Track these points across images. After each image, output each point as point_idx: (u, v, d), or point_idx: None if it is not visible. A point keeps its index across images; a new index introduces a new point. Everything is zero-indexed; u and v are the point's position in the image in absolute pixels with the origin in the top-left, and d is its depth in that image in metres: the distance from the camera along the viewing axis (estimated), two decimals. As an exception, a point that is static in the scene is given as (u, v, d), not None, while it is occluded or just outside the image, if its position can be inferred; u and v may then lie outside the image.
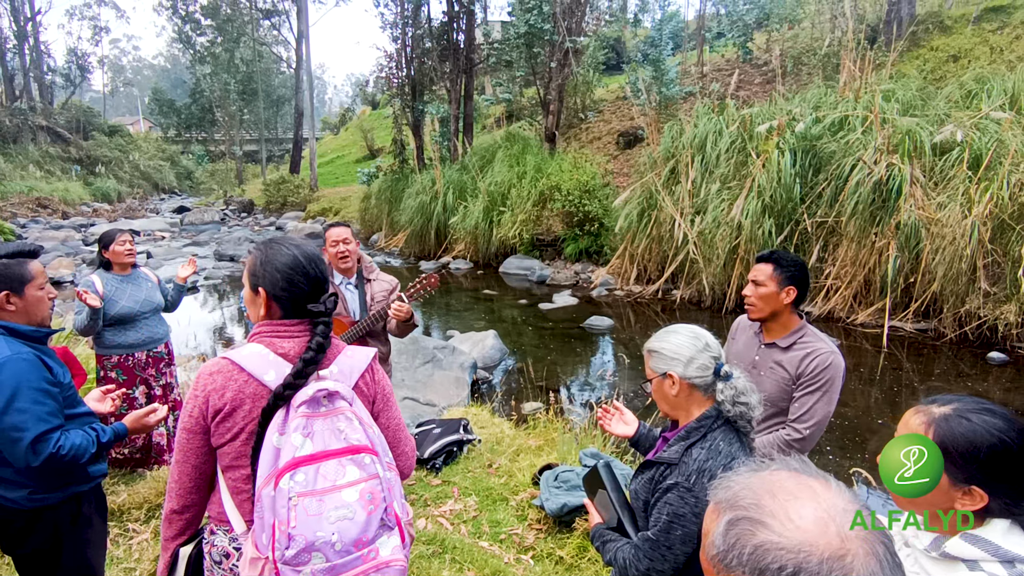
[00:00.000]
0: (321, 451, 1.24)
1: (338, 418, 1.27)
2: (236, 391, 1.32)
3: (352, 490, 1.22)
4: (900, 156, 7.35)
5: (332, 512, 1.19)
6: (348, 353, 1.43)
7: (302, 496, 1.19)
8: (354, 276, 3.07)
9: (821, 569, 0.61)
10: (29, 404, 1.65)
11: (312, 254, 1.40)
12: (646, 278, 9.63)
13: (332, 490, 1.21)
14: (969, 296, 6.63)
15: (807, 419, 2.05)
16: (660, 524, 1.39)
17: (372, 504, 1.23)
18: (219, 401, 1.32)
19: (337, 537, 1.18)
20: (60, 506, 1.81)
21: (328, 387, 1.28)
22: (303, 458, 1.22)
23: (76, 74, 35.44)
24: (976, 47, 11.24)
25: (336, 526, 1.19)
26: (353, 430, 1.27)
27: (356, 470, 1.24)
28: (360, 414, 1.32)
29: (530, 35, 13.15)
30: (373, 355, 1.46)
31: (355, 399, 1.33)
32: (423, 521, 3.15)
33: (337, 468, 1.23)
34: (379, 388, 1.46)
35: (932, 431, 1.03)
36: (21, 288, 1.77)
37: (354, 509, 1.21)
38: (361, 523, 1.21)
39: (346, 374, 1.38)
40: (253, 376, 1.32)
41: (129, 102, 66.35)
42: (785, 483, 0.69)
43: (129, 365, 3.47)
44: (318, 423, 1.26)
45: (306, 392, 1.27)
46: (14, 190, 22.24)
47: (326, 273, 1.42)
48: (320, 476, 1.22)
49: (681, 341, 1.48)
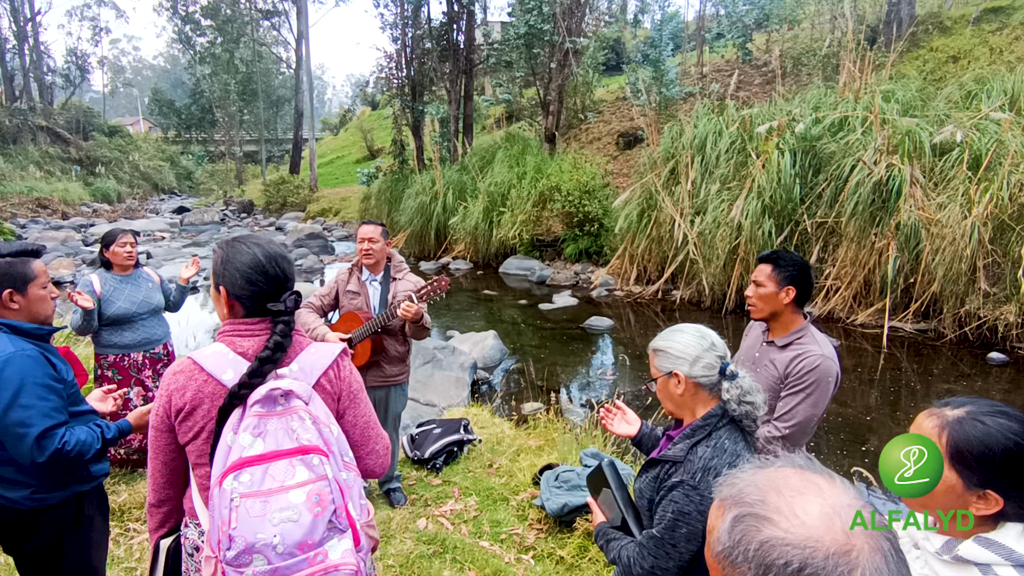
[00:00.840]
0: (272, 451, 1.22)
1: (292, 417, 1.25)
2: (196, 390, 1.34)
3: (300, 491, 1.19)
4: (900, 157, 7.35)
5: (276, 514, 1.17)
6: (312, 350, 1.41)
7: (245, 497, 1.18)
8: (380, 273, 3.13)
9: (827, 564, 0.61)
10: (34, 400, 1.65)
11: (273, 253, 1.39)
12: (646, 278, 9.63)
13: (279, 491, 1.19)
14: (969, 297, 6.64)
15: (788, 419, 2.05)
16: (665, 522, 1.39)
17: (319, 506, 1.20)
18: (180, 400, 1.34)
19: (279, 539, 1.16)
20: (62, 506, 1.80)
21: (282, 386, 1.27)
22: (250, 458, 1.21)
23: (76, 74, 35.45)
24: (976, 48, 11.25)
25: (279, 528, 1.16)
26: (305, 430, 1.25)
27: (305, 471, 1.22)
28: (316, 413, 1.29)
29: (530, 36, 13.16)
30: (339, 351, 1.44)
31: (313, 397, 1.32)
32: (423, 521, 3.15)
33: (287, 469, 1.21)
34: (345, 385, 1.43)
35: (946, 434, 1.01)
36: (24, 287, 1.77)
37: (299, 511, 1.18)
38: (306, 525, 1.18)
39: (307, 372, 1.37)
40: (212, 375, 1.34)
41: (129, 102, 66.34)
42: (790, 479, 0.70)
43: (124, 365, 3.45)
44: (272, 422, 1.25)
45: (260, 391, 1.26)
46: (14, 190, 22.22)
47: (288, 272, 1.41)
48: (268, 476, 1.20)
49: (687, 340, 1.48)
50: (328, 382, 1.40)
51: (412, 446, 3.87)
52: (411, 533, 3.01)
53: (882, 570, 0.62)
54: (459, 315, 8.86)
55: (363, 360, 3.02)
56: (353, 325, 3.03)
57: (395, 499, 3.36)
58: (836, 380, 2.08)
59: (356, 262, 3.18)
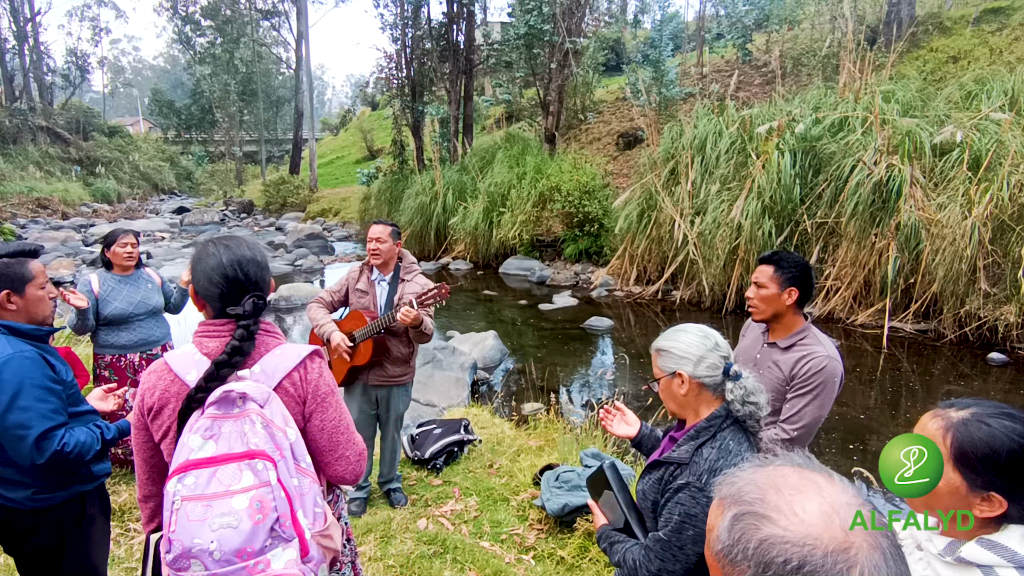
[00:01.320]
0: (223, 454, 1.20)
1: (245, 420, 1.24)
2: (163, 390, 1.36)
3: (243, 497, 1.17)
4: (900, 157, 7.36)
5: (216, 519, 1.15)
6: (277, 352, 1.39)
7: (187, 500, 1.16)
8: (390, 274, 3.15)
9: (826, 562, 0.62)
10: (33, 402, 1.65)
11: (239, 257, 1.38)
12: (646, 279, 9.63)
13: (224, 495, 1.16)
14: (969, 297, 6.64)
15: (796, 421, 2.05)
16: (672, 524, 1.37)
17: (260, 513, 1.17)
18: (151, 400, 1.36)
19: (216, 546, 1.13)
20: (64, 506, 1.80)
21: (237, 388, 1.26)
22: (197, 461, 1.20)
23: (76, 75, 35.44)
24: (976, 48, 11.26)
25: (217, 534, 1.14)
26: (254, 434, 1.23)
27: (251, 476, 1.19)
28: (271, 417, 1.27)
29: (530, 36, 13.16)
30: (307, 353, 1.41)
31: (271, 400, 1.30)
32: (424, 521, 3.15)
33: (235, 473, 1.19)
34: (312, 388, 1.39)
35: (950, 436, 1.01)
36: (22, 287, 1.77)
37: (240, 517, 1.15)
38: (245, 532, 1.15)
39: (268, 374, 1.35)
40: (178, 376, 1.35)
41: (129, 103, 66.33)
42: (789, 478, 0.70)
43: (121, 366, 3.44)
44: (228, 425, 1.23)
45: (216, 393, 1.25)
46: (14, 191, 22.22)
47: (253, 275, 1.39)
48: (215, 480, 1.18)
49: (691, 340, 1.48)
50: (291, 385, 1.37)
51: (412, 446, 3.87)
52: (411, 533, 3.01)
53: (880, 567, 0.62)
54: (459, 315, 8.86)
55: (364, 359, 3.02)
56: (359, 324, 3.05)
57: (395, 499, 3.36)
58: (840, 381, 2.08)
59: (367, 261, 3.19)
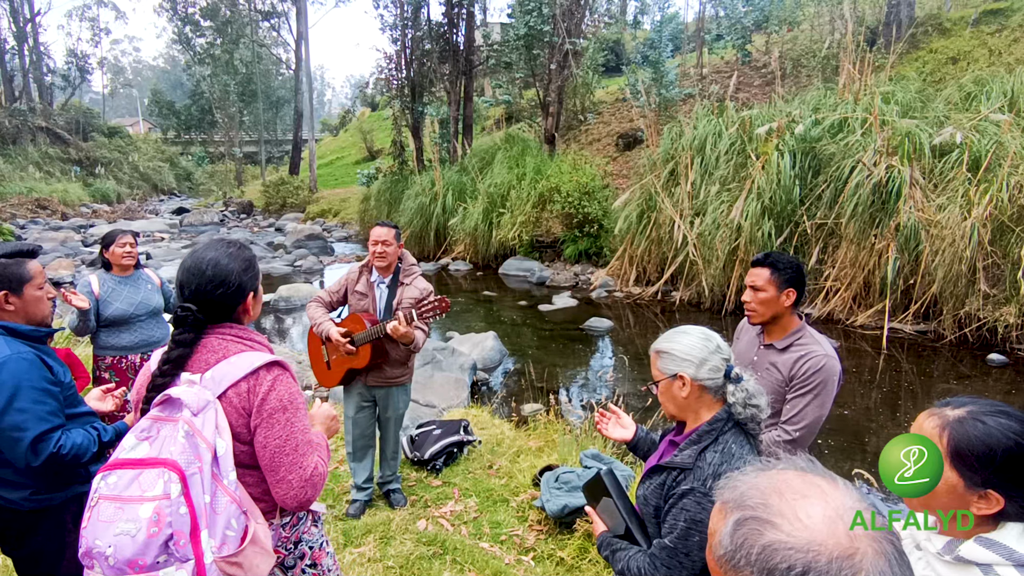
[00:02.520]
0: (152, 457, 1.19)
1: (176, 426, 1.22)
2: (141, 385, 1.40)
3: (148, 506, 1.14)
4: (899, 158, 7.36)
5: (121, 524, 1.13)
6: (232, 360, 1.35)
7: (104, 499, 1.15)
8: (389, 276, 3.10)
9: (830, 568, 0.61)
10: (30, 404, 1.64)
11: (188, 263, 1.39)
12: (645, 280, 9.62)
13: (137, 500, 1.15)
14: (969, 298, 6.64)
15: (797, 421, 2.04)
16: (677, 531, 1.35)
17: (156, 526, 1.13)
18: (135, 395, 1.41)
19: (112, 551, 1.11)
20: (62, 507, 1.80)
21: (174, 393, 1.25)
22: (124, 461, 1.19)
23: (75, 75, 35.46)
24: (975, 49, 11.27)
25: (116, 540, 1.12)
26: (173, 442, 1.20)
27: (161, 486, 1.16)
28: (200, 427, 1.23)
29: (530, 37, 13.16)
30: (261, 363, 1.35)
31: (208, 409, 1.26)
32: (423, 522, 3.14)
33: (154, 479, 1.17)
34: (257, 401, 1.32)
35: (947, 434, 1.01)
36: (20, 288, 1.76)
37: (140, 527, 1.12)
38: (140, 544, 1.11)
39: (216, 381, 1.32)
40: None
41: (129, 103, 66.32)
42: (792, 482, 0.69)
43: (122, 367, 3.43)
44: (166, 428, 1.22)
45: (160, 395, 1.26)
46: (13, 191, 22.22)
47: (196, 286, 1.38)
48: (136, 483, 1.16)
49: (693, 342, 1.46)
50: (237, 395, 1.32)
51: (412, 447, 3.86)
52: (411, 534, 3.01)
53: (886, 573, 0.61)
54: (459, 316, 8.85)
55: (364, 363, 3.01)
56: (358, 327, 3.02)
57: (395, 500, 3.35)
58: (839, 379, 2.08)
59: (367, 262, 3.15)
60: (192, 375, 1.32)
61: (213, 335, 1.38)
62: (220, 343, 1.38)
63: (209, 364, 1.35)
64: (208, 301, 1.37)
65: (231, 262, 1.39)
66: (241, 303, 1.43)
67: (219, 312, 1.39)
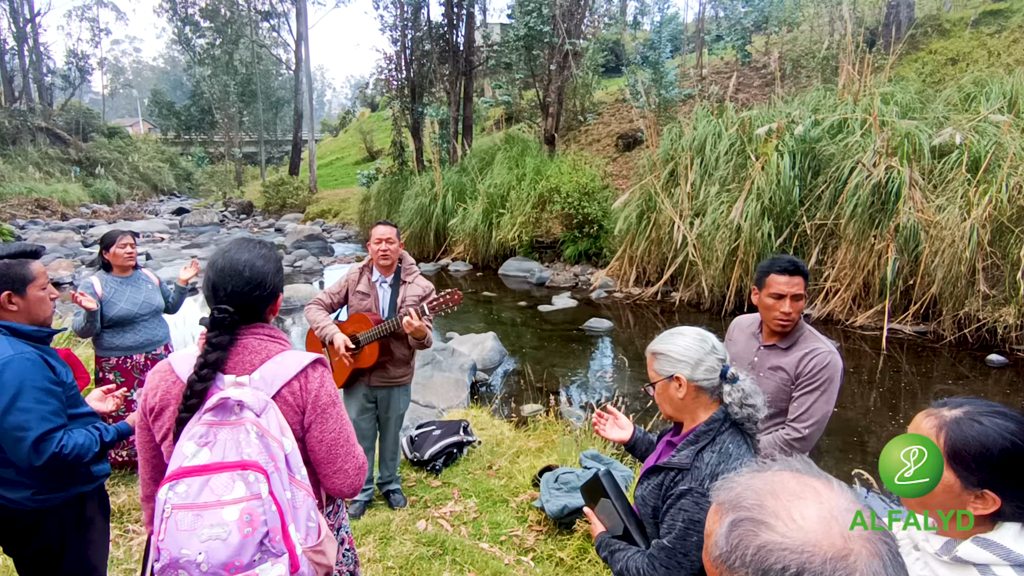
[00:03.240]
0: (217, 462, 1.18)
1: (241, 429, 1.21)
2: (164, 391, 1.35)
3: (233, 508, 1.14)
4: (899, 159, 7.37)
5: (206, 530, 1.12)
6: (278, 359, 1.36)
7: (177, 508, 1.14)
8: (391, 275, 3.11)
9: (824, 569, 0.61)
10: (32, 404, 1.65)
11: (222, 264, 1.37)
12: (645, 280, 9.63)
13: (215, 505, 1.14)
14: (968, 299, 6.65)
15: (806, 419, 2.06)
16: (675, 531, 1.36)
17: (250, 526, 1.13)
18: (152, 400, 1.35)
19: (204, 557, 1.11)
20: (64, 506, 1.80)
21: (234, 395, 1.23)
22: (189, 468, 1.17)
23: (75, 76, 35.46)
24: (974, 50, 11.28)
25: (206, 545, 1.11)
26: (248, 444, 1.20)
27: (243, 487, 1.16)
28: (267, 426, 1.24)
29: (529, 37, 13.17)
30: (308, 361, 1.37)
31: (269, 409, 1.27)
32: (423, 522, 3.15)
33: (228, 483, 1.16)
34: (311, 398, 1.35)
35: (943, 435, 1.02)
36: (23, 288, 1.77)
37: (229, 529, 1.12)
38: (234, 545, 1.12)
39: (267, 381, 1.32)
40: (180, 377, 1.34)
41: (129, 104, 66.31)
42: (787, 484, 0.69)
43: (127, 367, 3.46)
44: (224, 432, 1.20)
45: (213, 399, 1.23)
46: (13, 191, 22.22)
47: (232, 287, 1.36)
48: (207, 489, 1.15)
49: (688, 343, 1.47)
50: (291, 394, 1.34)
51: (412, 447, 3.87)
52: (411, 535, 3.01)
53: (879, 574, 0.62)
54: (458, 316, 8.85)
55: (370, 362, 3.01)
56: (362, 326, 3.02)
57: (395, 500, 3.36)
58: (841, 375, 2.11)
59: (368, 262, 3.16)
60: (239, 377, 1.31)
61: (248, 336, 1.38)
62: (259, 343, 1.38)
63: (254, 365, 1.34)
64: (244, 303, 1.37)
65: (265, 264, 1.40)
66: (272, 304, 1.44)
67: (252, 313, 1.40)
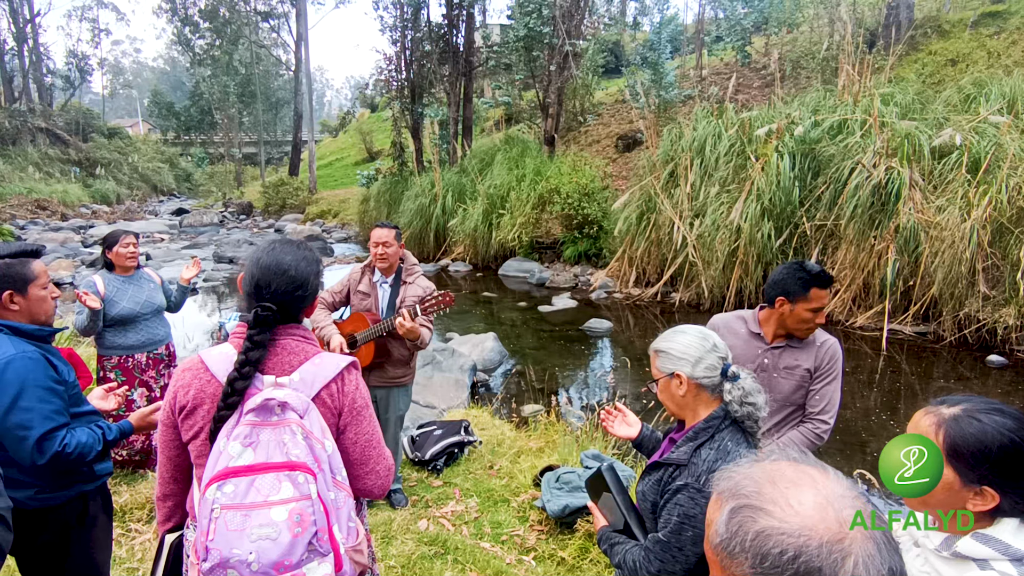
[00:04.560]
0: (261, 463, 1.18)
1: (285, 430, 1.22)
2: (198, 389, 1.34)
3: (282, 508, 1.15)
4: (899, 159, 7.38)
5: (255, 529, 1.13)
6: (316, 360, 1.36)
7: (226, 509, 1.15)
8: (392, 275, 3.14)
9: (821, 552, 0.63)
10: (35, 402, 1.65)
11: (267, 262, 1.36)
12: (645, 281, 9.64)
13: (262, 506, 1.15)
14: (968, 299, 6.65)
15: (830, 408, 2.15)
16: (671, 525, 1.38)
17: (300, 527, 1.15)
18: (184, 398, 1.34)
19: (255, 557, 1.12)
20: (67, 505, 1.80)
21: (278, 396, 1.23)
22: (236, 468, 1.18)
23: (75, 76, 35.47)
24: (974, 51, 11.30)
25: (256, 545, 1.12)
26: (295, 445, 1.21)
27: (290, 488, 1.17)
28: (310, 428, 1.26)
29: (529, 38, 13.18)
30: (345, 364, 1.39)
31: (311, 411, 1.28)
32: (424, 522, 3.15)
33: (273, 483, 1.17)
34: (348, 400, 1.37)
35: (942, 432, 1.03)
36: (24, 287, 1.77)
37: (279, 529, 1.14)
38: (284, 545, 1.13)
39: (307, 383, 1.32)
40: (215, 376, 1.33)
41: (128, 104, 66.35)
42: (785, 472, 0.71)
43: (128, 366, 3.47)
44: (265, 433, 1.21)
45: (255, 399, 1.23)
46: (13, 192, 22.21)
47: (276, 286, 1.36)
48: (254, 489, 1.16)
49: (689, 341, 1.49)
50: (329, 396, 1.35)
51: (413, 447, 3.87)
52: (412, 534, 3.02)
53: (874, 556, 0.64)
54: (458, 317, 8.86)
55: (366, 362, 3.02)
56: (360, 326, 3.05)
57: (396, 500, 3.36)
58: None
59: (370, 262, 3.18)
60: (278, 378, 1.31)
61: (286, 336, 1.38)
62: (296, 344, 1.38)
63: (292, 366, 1.34)
64: (285, 303, 1.37)
65: (308, 266, 1.41)
66: (310, 306, 1.45)
67: (291, 314, 1.40)
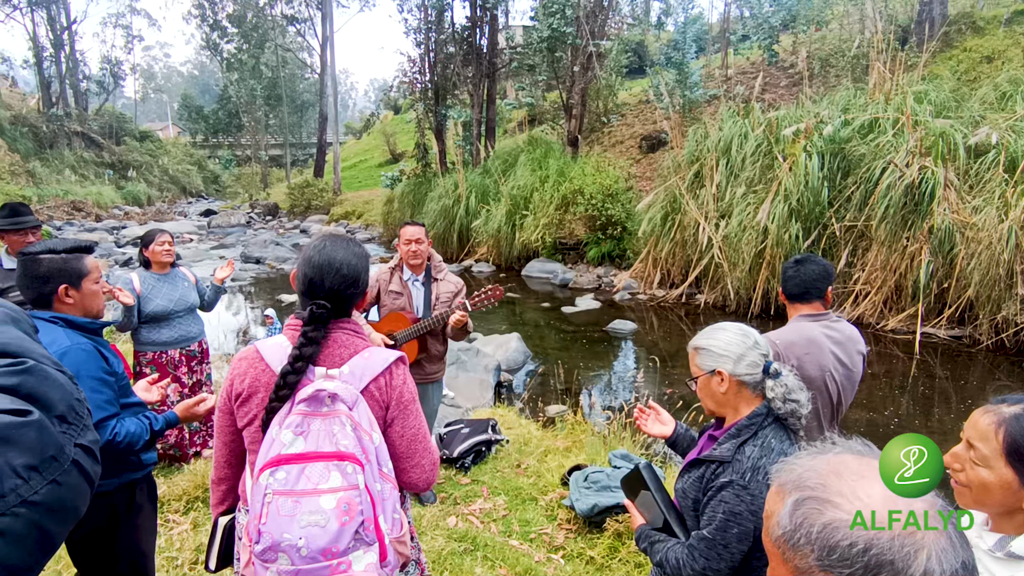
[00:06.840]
0: (312, 451, 1.23)
1: (335, 421, 1.26)
2: (254, 378, 1.38)
3: (331, 497, 1.19)
4: (933, 159, 7.21)
5: (305, 516, 1.17)
6: (365, 355, 1.40)
7: (278, 494, 1.19)
8: (422, 274, 3.16)
9: (893, 546, 0.63)
10: (87, 392, 1.70)
11: (320, 261, 1.40)
12: (669, 282, 9.56)
13: (312, 493, 1.19)
14: (1006, 302, 6.46)
15: None
16: (716, 523, 1.37)
17: (347, 515, 1.19)
18: (240, 386, 1.39)
19: (304, 543, 1.16)
20: (115, 493, 1.86)
21: (329, 388, 1.27)
22: (288, 456, 1.22)
23: (110, 81, 36.46)
24: (1009, 48, 10.98)
25: (305, 531, 1.16)
26: (344, 436, 1.25)
27: (339, 477, 1.21)
28: (359, 420, 1.29)
29: (553, 39, 13.19)
30: (394, 358, 1.42)
31: (359, 403, 1.31)
32: (453, 519, 3.17)
33: (323, 472, 1.21)
34: (396, 394, 1.40)
35: (1002, 431, 1.01)
36: (78, 282, 1.83)
37: (328, 517, 1.18)
38: (332, 532, 1.17)
39: (356, 376, 1.36)
40: (269, 366, 1.38)
41: (159, 108, 67.98)
42: (850, 464, 0.71)
43: (162, 362, 3.55)
44: (316, 423, 1.25)
45: (307, 390, 1.27)
46: (51, 193, 22.96)
47: (329, 283, 1.40)
48: (304, 477, 1.20)
49: (731, 338, 1.48)
50: (377, 389, 1.38)
51: (441, 445, 3.90)
52: (441, 530, 3.04)
53: (948, 551, 0.63)
54: (482, 317, 8.88)
55: (410, 360, 3.05)
56: (398, 325, 3.07)
57: (425, 497, 3.39)
58: None
59: (397, 262, 3.19)
60: (329, 370, 1.35)
61: (337, 331, 1.42)
62: (347, 338, 1.42)
63: (343, 359, 1.38)
64: (338, 298, 1.42)
65: (359, 262, 1.45)
66: (361, 301, 1.50)
67: (343, 309, 1.45)
